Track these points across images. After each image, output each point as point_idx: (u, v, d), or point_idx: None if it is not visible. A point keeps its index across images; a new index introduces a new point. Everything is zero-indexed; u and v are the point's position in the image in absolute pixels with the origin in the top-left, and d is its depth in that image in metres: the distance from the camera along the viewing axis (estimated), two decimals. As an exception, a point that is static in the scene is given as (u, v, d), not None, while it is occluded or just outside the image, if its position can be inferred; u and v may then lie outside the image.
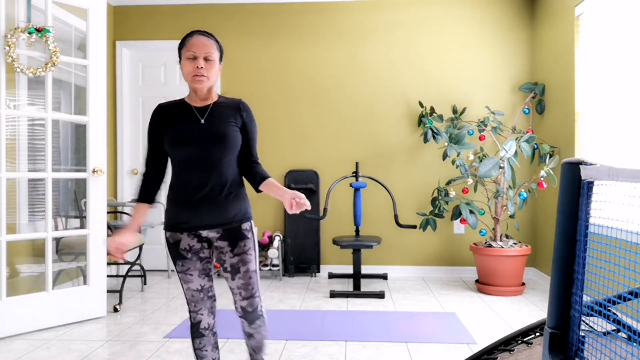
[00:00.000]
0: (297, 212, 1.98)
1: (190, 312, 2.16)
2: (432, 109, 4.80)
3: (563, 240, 1.17)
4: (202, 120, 2.12)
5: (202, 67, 2.07)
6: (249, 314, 2.15)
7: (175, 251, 2.10)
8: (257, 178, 2.17)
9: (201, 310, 2.14)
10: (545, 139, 4.65)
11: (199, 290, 2.12)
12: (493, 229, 4.53)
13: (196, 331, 2.16)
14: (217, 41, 2.15)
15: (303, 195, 2.00)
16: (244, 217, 2.13)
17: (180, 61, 2.15)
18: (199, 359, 2.19)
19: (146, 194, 2.15)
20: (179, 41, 2.20)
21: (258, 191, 2.18)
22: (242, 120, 2.17)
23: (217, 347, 2.22)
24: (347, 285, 4.61)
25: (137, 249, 4.94)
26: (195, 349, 2.19)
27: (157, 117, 2.15)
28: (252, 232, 2.17)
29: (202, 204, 2.08)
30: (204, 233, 2.10)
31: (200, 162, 2.10)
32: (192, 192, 2.09)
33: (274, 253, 4.70)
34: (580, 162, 1.15)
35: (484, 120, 4.62)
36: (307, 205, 1.98)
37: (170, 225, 2.10)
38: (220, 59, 2.17)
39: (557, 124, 4.40)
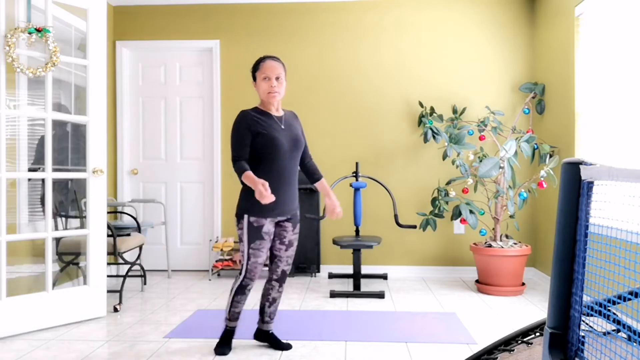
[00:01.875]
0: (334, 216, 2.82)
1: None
2: (432, 109, 4.80)
3: (563, 240, 1.17)
4: (282, 126, 2.76)
5: (274, 86, 2.69)
6: (285, 276, 2.90)
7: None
8: (316, 176, 2.92)
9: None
10: (545, 139, 4.65)
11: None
12: (493, 229, 4.54)
13: (242, 291, 2.78)
14: (282, 63, 2.76)
15: (338, 208, 2.81)
16: None
17: (254, 81, 2.76)
18: (233, 308, 2.82)
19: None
20: (253, 65, 2.78)
21: (313, 184, 2.93)
22: (301, 127, 2.87)
23: (244, 303, 2.85)
24: (347, 285, 4.61)
25: (137, 249, 4.94)
26: (233, 301, 2.80)
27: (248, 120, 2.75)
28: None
29: None
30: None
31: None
32: None
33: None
34: (580, 162, 1.15)
35: (484, 120, 4.62)
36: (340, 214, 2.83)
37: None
38: (285, 75, 2.78)
39: (557, 124, 4.40)
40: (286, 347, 2.94)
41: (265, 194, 2.44)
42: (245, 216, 2.70)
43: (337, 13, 5.09)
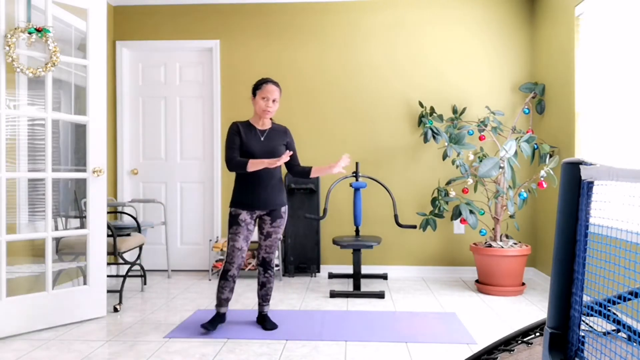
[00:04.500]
0: (343, 165, 3.14)
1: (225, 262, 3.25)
2: (432, 109, 4.80)
3: (563, 240, 1.17)
4: (262, 138, 3.28)
5: (270, 106, 3.23)
6: (267, 264, 3.35)
7: None
8: (306, 170, 3.32)
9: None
10: (545, 139, 4.65)
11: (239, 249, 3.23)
12: (493, 229, 4.53)
13: (225, 277, 3.23)
14: (280, 89, 3.28)
15: (343, 162, 3.13)
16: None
17: (254, 97, 3.26)
18: (219, 294, 3.27)
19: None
20: (256, 83, 3.29)
21: (309, 177, 3.33)
22: (287, 141, 3.36)
23: (232, 291, 3.29)
24: (347, 285, 4.61)
25: (137, 249, 4.94)
26: (218, 287, 3.27)
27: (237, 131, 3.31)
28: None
29: None
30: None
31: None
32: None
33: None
34: (580, 162, 1.15)
35: (484, 120, 4.62)
36: (344, 162, 3.14)
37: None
38: (280, 97, 3.27)
39: (557, 124, 4.40)
40: (271, 326, 3.31)
41: (274, 162, 3.04)
42: (229, 208, 3.28)
43: (338, 13, 5.09)
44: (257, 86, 3.25)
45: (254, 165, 3.08)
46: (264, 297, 3.39)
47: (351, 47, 5.08)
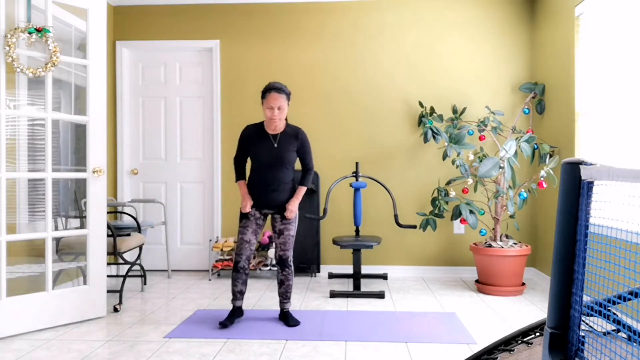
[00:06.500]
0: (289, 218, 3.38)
1: (235, 255, 3.40)
2: (432, 109, 4.80)
3: (563, 240, 1.17)
4: (275, 144, 3.35)
5: (276, 115, 3.26)
6: (283, 262, 3.39)
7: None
8: (299, 184, 3.48)
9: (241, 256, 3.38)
10: (545, 139, 4.65)
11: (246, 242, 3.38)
12: (493, 229, 4.53)
13: (236, 268, 3.37)
14: (287, 93, 3.28)
15: (291, 214, 3.36)
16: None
17: (262, 102, 3.30)
18: (233, 287, 3.41)
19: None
20: (262, 90, 3.34)
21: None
22: (298, 145, 3.40)
23: (245, 284, 3.42)
24: (347, 285, 4.61)
25: (137, 249, 4.94)
26: (232, 280, 3.41)
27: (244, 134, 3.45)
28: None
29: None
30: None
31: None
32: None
33: (274, 253, 4.70)
34: (580, 162, 1.15)
35: (484, 120, 4.62)
36: (289, 216, 3.37)
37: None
38: (288, 100, 3.31)
39: (557, 124, 4.40)
40: (293, 323, 3.37)
41: (245, 207, 3.36)
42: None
43: (337, 13, 5.09)
44: (263, 94, 3.30)
45: (240, 187, 3.44)
46: (283, 295, 3.46)
47: (350, 48, 5.08)
